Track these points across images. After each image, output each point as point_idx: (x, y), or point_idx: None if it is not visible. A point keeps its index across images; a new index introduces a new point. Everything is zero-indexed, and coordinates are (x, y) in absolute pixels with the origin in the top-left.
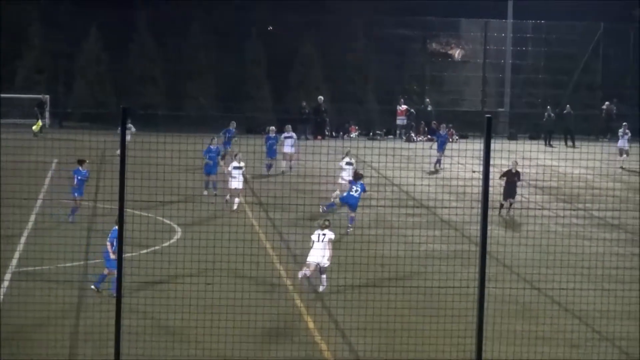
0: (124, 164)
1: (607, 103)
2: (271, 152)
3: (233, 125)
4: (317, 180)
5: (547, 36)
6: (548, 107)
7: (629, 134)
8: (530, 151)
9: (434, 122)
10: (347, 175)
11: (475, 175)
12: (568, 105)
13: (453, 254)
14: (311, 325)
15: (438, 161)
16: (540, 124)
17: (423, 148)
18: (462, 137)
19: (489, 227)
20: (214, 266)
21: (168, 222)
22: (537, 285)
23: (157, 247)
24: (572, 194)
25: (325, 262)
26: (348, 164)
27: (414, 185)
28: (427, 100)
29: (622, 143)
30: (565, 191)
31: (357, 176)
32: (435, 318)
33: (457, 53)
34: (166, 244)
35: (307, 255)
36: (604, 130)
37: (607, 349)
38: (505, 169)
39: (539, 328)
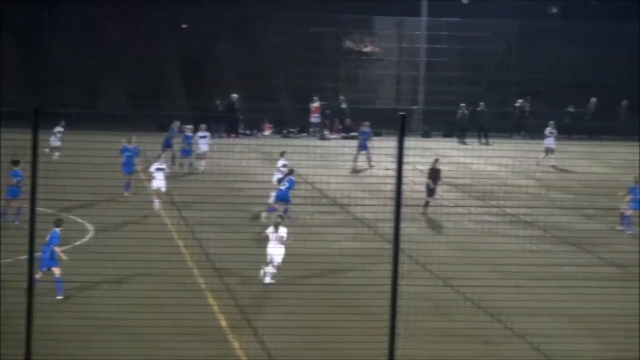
0: (36, 165)
1: (520, 100)
2: (188, 151)
3: (176, 126)
4: (238, 179)
5: (461, 34)
6: (462, 104)
7: (555, 133)
8: (444, 148)
9: (348, 119)
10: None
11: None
12: (482, 103)
13: (366, 252)
14: (223, 323)
15: (366, 157)
16: (454, 121)
17: (336, 146)
18: (376, 134)
19: (402, 225)
20: (124, 265)
21: (81, 221)
22: (451, 283)
23: (68, 247)
24: (486, 191)
25: (277, 258)
26: (284, 166)
27: (328, 183)
28: (342, 97)
29: (549, 142)
30: (479, 188)
31: (288, 172)
32: (349, 316)
33: (371, 51)
34: (78, 243)
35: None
36: (517, 128)
37: (520, 345)
38: (422, 167)
39: (453, 325)
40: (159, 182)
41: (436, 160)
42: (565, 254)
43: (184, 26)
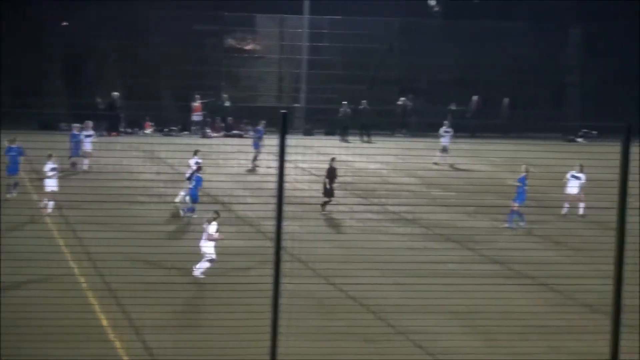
0: None
1: (402, 98)
2: (76, 150)
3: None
4: (122, 177)
5: (343, 32)
6: (344, 102)
7: (451, 132)
8: (326, 146)
9: (230, 118)
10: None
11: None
12: (364, 101)
13: (249, 250)
14: (105, 322)
15: (256, 157)
16: (336, 119)
17: (218, 144)
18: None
19: (284, 223)
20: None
21: None
22: (333, 281)
23: None
24: (368, 189)
25: (207, 251)
26: (197, 163)
27: (210, 181)
28: (225, 96)
29: (445, 140)
30: (361, 186)
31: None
32: (231, 314)
33: (253, 48)
34: None
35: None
36: (399, 125)
37: (402, 342)
38: (304, 166)
39: (335, 323)
40: (52, 182)
41: (333, 159)
42: (447, 251)
43: (65, 24)
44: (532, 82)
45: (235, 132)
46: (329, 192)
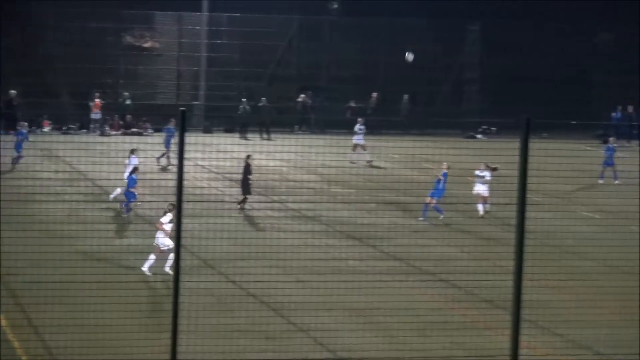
0: None
1: (302, 95)
2: None
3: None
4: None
5: (242, 30)
6: (243, 99)
7: (364, 129)
8: (226, 144)
9: (129, 116)
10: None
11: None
12: (263, 98)
13: (149, 248)
14: (4, 322)
15: (165, 155)
16: (235, 116)
17: (117, 142)
18: (157, 130)
19: (184, 221)
20: None
21: None
22: (233, 278)
23: None
24: (268, 186)
25: (167, 244)
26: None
27: (108, 179)
28: (126, 94)
29: (358, 138)
30: (261, 183)
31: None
32: (131, 313)
33: (152, 46)
34: None
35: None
36: (299, 122)
37: (303, 340)
38: (203, 163)
39: (235, 321)
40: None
41: (248, 157)
42: (347, 248)
43: None
44: (431, 78)
45: (134, 130)
46: (246, 190)
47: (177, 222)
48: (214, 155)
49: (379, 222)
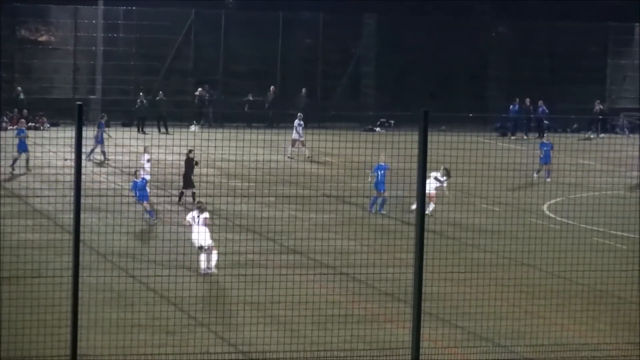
0: None
1: (199, 89)
2: None
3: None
4: None
5: (138, 22)
6: (141, 93)
7: (303, 125)
8: (123, 138)
9: (25, 110)
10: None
11: (68, 163)
12: (161, 92)
13: (46, 243)
14: None
15: (101, 150)
16: (133, 110)
17: (5, 137)
18: (53, 124)
19: (83, 216)
20: None
21: None
22: (132, 273)
23: None
24: (167, 180)
25: (208, 241)
26: (148, 160)
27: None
28: (19, 88)
29: (297, 134)
30: (159, 177)
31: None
32: (29, 309)
33: (47, 40)
34: None
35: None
36: (196, 116)
37: (203, 334)
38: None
39: (135, 315)
40: None
41: (190, 151)
42: (247, 242)
43: None
44: (328, 72)
45: (31, 124)
46: (188, 184)
47: (75, 216)
48: (112, 149)
49: (279, 216)
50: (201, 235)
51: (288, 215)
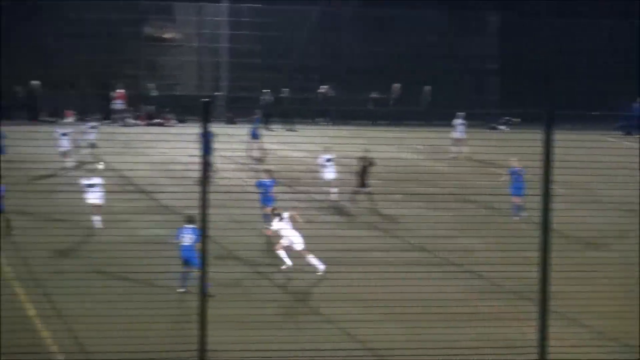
0: None
1: (324, 87)
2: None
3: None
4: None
5: (263, 20)
6: (265, 90)
7: (465, 123)
8: (249, 135)
9: (151, 106)
10: None
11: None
12: (286, 89)
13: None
14: (33, 312)
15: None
16: (258, 107)
17: (140, 133)
18: (180, 121)
19: (209, 211)
20: None
21: None
22: (260, 269)
23: None
24: (293, 177)
25: (300, 246)
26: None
27: (132, 170)
28: (151, 85)
29: (459, 132)
30: (285, 174)
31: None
32: (157, 303)
33: (172, 37)
34: None
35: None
36: (320, 114)
37: (330, 330)
38: (230, 154)
39: (262, 311)
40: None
41: (366, 151)
42: (373, 239)
43: None
44: (452, 69)
45: (157, 120)
46: (363, 183)
47: (202, 212)
48: (237, 145)
49: (405, 214)
50: (294, 239)
51: (414, 213)
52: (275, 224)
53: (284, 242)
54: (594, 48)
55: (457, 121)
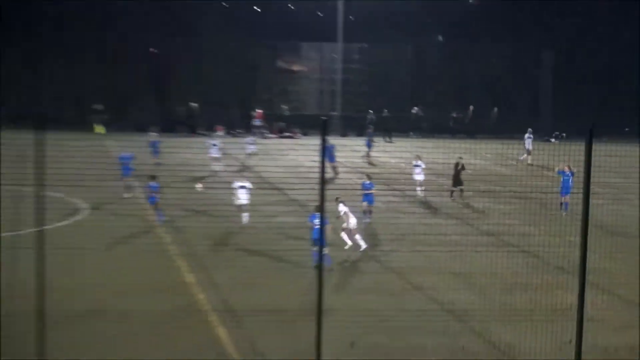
0: None
1: (415, 108)
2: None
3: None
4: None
5: (368, 56)
6: (370, 111)
7: (532, 137)
8: (358, 145)
9: (282, 123)
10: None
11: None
12: (386, 110)
13: (299, 225)
14: (190, 280)
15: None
16: (364, 124)
17: (275, 144)
18: (304, 134)
19: (326, 204)
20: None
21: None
22: (368, 252)
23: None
24: (390, 178)
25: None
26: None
27: (269, 172)
28: (285, 107)
29: (528, 143)
30: (384, 176)
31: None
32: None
33: (299, 69)
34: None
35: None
36: (412, 129)
37: (417, 296)
38: (342, 160)
39: (364, 280)
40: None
41: (460, 158)
42: (451, 227)
43: (152, 50)
44: (512, 94)
45: (287, 134)
46: (457, 183)
47: (320, 204)
48: (349, 153)
49: (476, 207)
50: (352, 221)
51: (485, 206)
52: (342, 209)
53: (344, 226)
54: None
55: (527, 135)
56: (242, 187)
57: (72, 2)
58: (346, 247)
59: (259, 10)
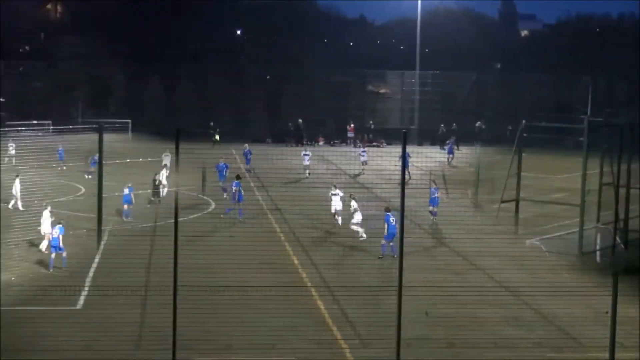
0: None
1: (479, 122)
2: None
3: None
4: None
5: (440, 81)
6: (442, 125)
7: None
8: (432, 152)
9: (370, 135)
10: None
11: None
12: (454, 124)
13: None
14: (295, 261)
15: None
16: (437, 136)
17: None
18: (388, 144)
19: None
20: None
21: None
22: (437, 237)
23: None
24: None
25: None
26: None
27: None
28: (371, 122)
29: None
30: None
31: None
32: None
33: (384, 92)
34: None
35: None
36: (475, 139)
37: (479, 275)
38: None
39: (434, 262)
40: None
41: None
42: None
43: (268, 77)
44: (557, 113)
45: (374, 143)
46: None
47: (401, 202)
48: (424, 159)
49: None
50: (357, 216)
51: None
52: (353, 204)
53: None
54: None
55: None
56: (335, 194)
57: (205, 42)
58: (360, 238)
59: (351, 44)
